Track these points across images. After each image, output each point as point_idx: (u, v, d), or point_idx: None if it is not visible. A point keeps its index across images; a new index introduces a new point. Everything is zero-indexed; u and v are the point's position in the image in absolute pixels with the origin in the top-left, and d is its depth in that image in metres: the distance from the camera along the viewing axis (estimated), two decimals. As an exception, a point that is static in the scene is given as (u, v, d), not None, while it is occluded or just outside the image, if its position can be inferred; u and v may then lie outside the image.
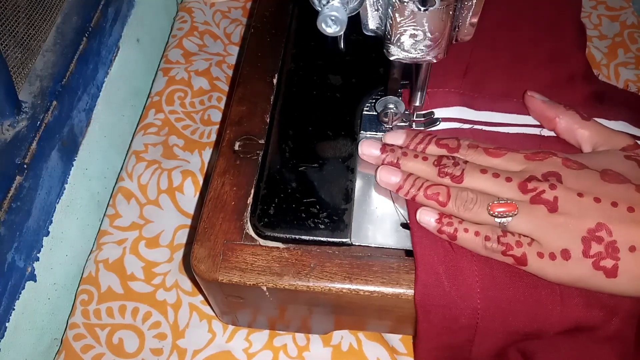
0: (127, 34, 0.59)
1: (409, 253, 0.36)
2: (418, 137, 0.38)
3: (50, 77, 0.47)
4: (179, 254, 0.51)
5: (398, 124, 0.40)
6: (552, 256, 0.32)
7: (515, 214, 0.33)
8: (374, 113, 0.41)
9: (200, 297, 0.48)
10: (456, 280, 0.34)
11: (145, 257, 0.50)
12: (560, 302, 0.33)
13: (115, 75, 0.57)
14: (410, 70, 0.39)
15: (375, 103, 0.41)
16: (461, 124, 0.40)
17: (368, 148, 0.38)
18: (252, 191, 0.40)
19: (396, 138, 0.39)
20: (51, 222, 0.47)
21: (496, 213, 0.33)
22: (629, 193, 0.32)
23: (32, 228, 0.44)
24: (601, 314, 0.33)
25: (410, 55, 0.33)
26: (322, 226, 0.37)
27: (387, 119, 0.40)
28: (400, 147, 0.38)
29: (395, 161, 0.37)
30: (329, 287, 0.36)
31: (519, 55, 0.43)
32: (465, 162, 0.35)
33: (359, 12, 0.31)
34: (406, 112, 0.40)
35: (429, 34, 0.31)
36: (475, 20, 0.32)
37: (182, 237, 0.52)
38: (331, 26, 0.30)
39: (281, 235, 0.38)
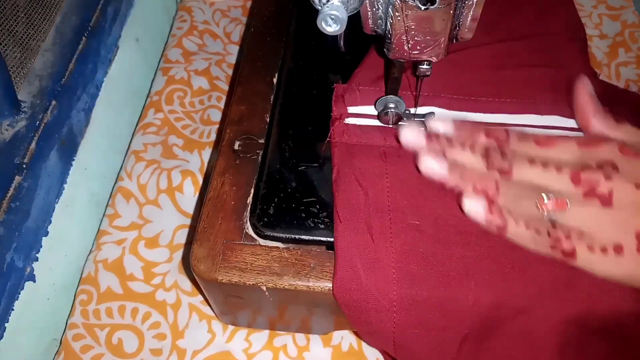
0: (127, 33, 0.59)
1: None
2: (467, 126, 0.36)
3: (50, 77, 0.47)
4: (179, 254, 0.51)
5: (400, 124, 0.40)
6: (604, 250, 0.31)
7: (566, 212, 0.32)
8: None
9: (200, 297, 0.48)
10: (373, 273, 0.34)
11: (145, 257, 0.50)
12: (473, 297, 0.33)
13: (115, 75, 0.57)
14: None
15: (375, 102, 0.41)
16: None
17: (412, 134, 0.36)
18: (252, 191, 0.40)
19: (444, 126, 0.36)
20: (50, 222, 0.47)
21: (545, 210, 0.32)
22: None
23: (31, 228, 0.44)
24: (511, 313, 0.33)
25: (410, 54, 0.33)
26: (322, 226, 0.37)
27: (387, 119, 0.40)
28: (446, 137, 0.36)
29: (442, 152, 0.35)
30: (329, 287, 0.36)
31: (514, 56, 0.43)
32: (515, 153, 0.34)
33: (359, 12, 0.31)
34: (406, 112, 0.40)
35: (429, 34, 0.31)
36: (475, 19, 0.32)
37: (182, 237, 0.52)
38: (331, 25, 0.30)
39: (281, 235, 0.38)
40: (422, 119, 0.40)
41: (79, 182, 0.51)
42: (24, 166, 0.42)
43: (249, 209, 0.39)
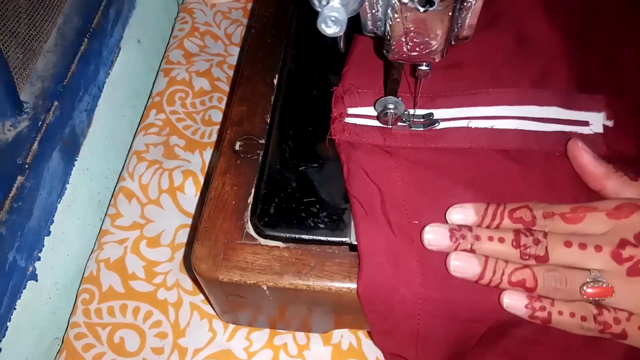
0: (128, 34, 0.59)
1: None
2: (489, 212, 0.34)
3: (52, 78, 0.47)
4: (180, 254, 0.51)
5: (399, 124, 0.40)
6: None
7: (611, 297, 0.31)
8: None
9: (201, 297, 0.49)
10: (398, 268, 0.34)
11: (146, 257, 0.50)
12: (498, 289, 0.33)
13: (117, 76, 0.57)
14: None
15: (374, 103, 0.41)
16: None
17: (435, 237, 0.34)
18: (253, 191, 0.40)
19: (464, 216, 0.34)
20: (52, 221, 0.47)
21: (590, 298, 0.31)
22: None
23: (34, 228, 0.44)
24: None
25: (409, 55, 0.33)
26: (322, 226, 0.37)
27: (387, 119, 0.40)
28: (470, 229, 0.34)
29: (469, 247, 0.33)
30: (329, 287, 0.36)
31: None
32: (545, 235, 0.32)
33: (358, 13, 0.32)
34: (406, 112, 0.40)
35: (428, 35, 0.31)
36: (474, 20, 0.32)
37: (183, 236, 0.52)
38: (331, 27, 0.30)
39: (281, 234, 0.38)
40: (422, 120, 0.41)
41: (81, 182, 0.51)
42: (26, 166, 0.43)
43: (249, 208, 0.39)
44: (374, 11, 0.32)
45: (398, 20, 0.30)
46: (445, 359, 0.36)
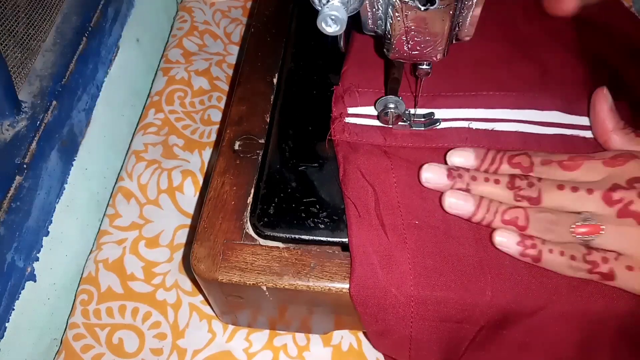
0: (127, 33, 0.59)
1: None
2: (488, 157, 0.35)
3: (50, 77, 0.47)
4: (179, 254, 0.51)
5: (400, 123, 0.40)
6: None
7: (600, 235, 0.31)
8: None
9: (200, 297, 0.48)
10: (390, 269, 0.34)
11: (145, 257, 0.50)
12: (491, 289, 0.33)
13: (115, 75, 0.57)
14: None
15: (375, 103, 0.41)
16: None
17: (433, 174, 0.35)
18: (252, 191, 0.40)
19: (464, 158, 0.35)
20: (51, 222, 0.47)
21: (579, 236, 0.31)
22: None
23: (32, 228, 0.44)
24: (529, 308, 0.33)
25: (410, 54, 0.33)
26: (322, 226, 0.37)
27: (387, 119, 0.40)
28: (467, 170, 0.35)
29: (465, 187, 0.34)
30: (329, 287, 0.36)
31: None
32: (540, 179, 0.33)
33: (359, 12, 0.31)
34: (406, 112, 0.40)
35: (429, 34, 0.31)
36: (475, 20, 0.32)
37: (182, 237, 0.52)
38: (331, 25, 0.30)
39: (281, 234, 0.38)
40: (422, 120, 0.40)
41: (80, 182, 0.51)
42: (25, 166, 0.43)
43: (249, 208, 0.39)
44: (374, 10, 0.32)
45: (399, 19, 0.30)
46: None
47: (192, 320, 0.47)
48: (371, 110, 0.41)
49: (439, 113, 0.41)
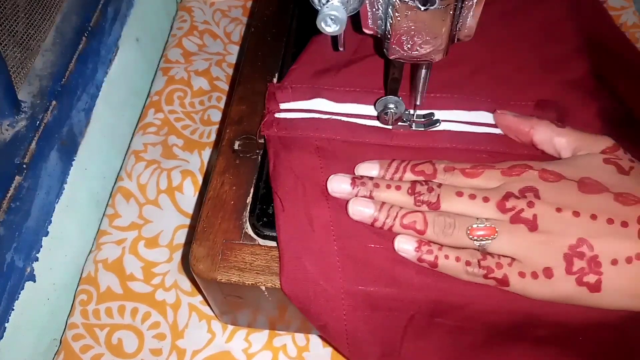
0: (127, 33, 0.59)
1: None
2: (392, 166, 0.36)
3: (50, 77, 0.47)
4: (178, 254, 0.51)
5: (400, 124, 0.40)
6: (535, 275, 0.32)
7: (495, 237, 0.32)
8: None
9: (200, 297, 0.48)
10: (318, 263, 0.34)
11: (145, 257, 0.50)
12: (417, 279, 0.34)
13: (115, 75, 0.57)
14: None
15: (375, 103, 0.41)
16: (319, 115, 0.41)
17: (338, 184, 0.36)
18: (252, 190, 0.40)
19: (369, 169, 0.37)
20: (50, 222, 0.47)
21: (475, 237, 0.32)
22: (607, 203, 0.32)
23: (32, 228, 0.44)
24: (456, 299, 0.33)
25: (410, 54, 0.33)
26: (322, 226, 0.37)
27: (387, 119, 0.40)
28: (371, 178, 0.36)
29: (369, 194, 0.35)
30: (329, 288, 0.36)
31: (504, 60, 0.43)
32: (440, 185, 0.34)
33: (358, 12, 0.31)
34: (406, 112, 0.40)
35: (429, 34, 0.31)
36: (475, 20, 0.32)
37: (182, 237, 0.52)
38: (331, 25, 0.30)
39: (281, 235, 0.37)
40: (423, 120, 0.40)
41: (79, 182, 0.51)
42: (24, 166, 0.43)
43: (248, 208, 0.39)
44: (374, 10, 0.32)
45: (399, 19, 0.30)
46: (379, 355, 0.36)
47: (191, 320, 0.47)
48: (304, 104, 0.41)
49: (369, 109, 0.41)
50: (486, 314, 0.34)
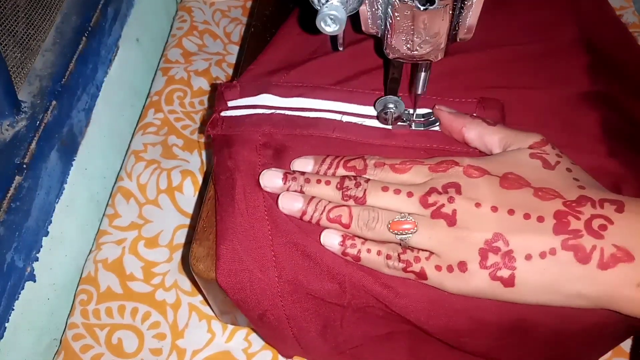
0: (127, 33, 0.59)
1: None
2: (326, 162, 0.37)
3: (50, 77, 0.47)
4: (178, 254, 0.51)
5: (399, 124, 0.40)
6: (450, 269, 0.32)
7: (415, 231, 0.33)
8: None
9: (200, 297, 0.48)
10: (253, 253, 0.35)
11: (145, 257, 0.50)
12: (346, 266, 0.34)
13: (115, 75, 0.57)
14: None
15: (375, 102, 0.41)
16: (264, 110, 0.41)
17: (270, 179, 0.37)
18: (252, 191, 0.40)
19: (303, 165, 0.38)
20: (50, 222, 0.47)
21: (397, 231, 0.33)
22: (526, 199, 0.32)
23: (32, 228, 0.44)
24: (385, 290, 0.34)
25: (410, 54, 0.33)
26: (322, 226, 0.37)
27: (387, 119, 0.40)
28: (303, 173, 0.37)
29: (300, 189, 0.36)
30: (328, 287, 0.36)
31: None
32: (368, 180, 0.35)
33: (358, 11, 0.31)
34: (406, 112, 0.40)
35: (428, 34, 0.31)
36: (475, 20, 0.32)
37: (182, 236, 0.52)
38: (330, 25, 0.30)
39: (280, 235, 0.37)
40: (422, 119, 0.40)
41: (79, 182, 0.51)
42: (24, 166, 0.43)
43: (248, 208, 0.39)
44: (373, 9, 0.32)
45: (398, 18, 0.30)
46: (320, 328, 0.36)
47: (191, 320, 0.47)
48: (251, 100, 0.41)
49: (313, 103, 0.41)
50: (410, 306, 0.34)
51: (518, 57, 0.43)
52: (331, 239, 0.35)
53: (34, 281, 0.45)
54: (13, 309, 0.42)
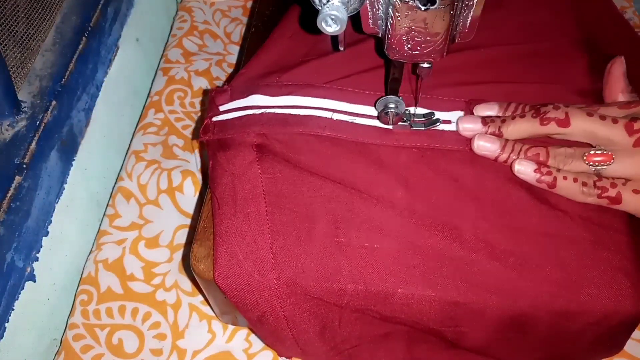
0: (127, 33, 0.59)
1: None
2: (511, 106, 0.39)
3: (50, 77, 0.47)
4: (179, 254, 0.51)
5: (400, 124, 0.40)
6: None
7: (611, 164, 0.34)
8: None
9: (200, 298, 0.48)
10: (252, 256, 0.35)
11: (145, 257, 0.50)
12: (348, 271, 0.34)
13: (115, 75, 0.57)
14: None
15: (375, 102, 0.41)
16: (254, 110, 0.41)
17: (469, 123, 0.38)
18: (252, 191, 0.40)
19: (489, 110, 0.39)
20: (50, 222, 0.47)
21: (592, 162, 0.35)
22: None
23: (32, 228, 0.44)
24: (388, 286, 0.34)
25: (410, 54, 0.33)
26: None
27: (387, 119, 0.40)
28: (498, 117, 0.38)
29: (497, 131, 0.37)
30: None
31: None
32: (568, 105, 0.36)
33: (359, 12, 0.31)
34: (406, 112, 0.40)
35: (429, 34, 0.31)
36: (476, 20, 0.32)
37: (182, 237, 0.52)
38: (331, 25, 0.30)
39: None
40: (423, 119, 0.40)
41: (79, 182, 0.51)
42: (24, 166, 0.42)
43: (249, 209, 0.39)
44: (374, 10, 0.32)
45: (399, 18, 0.30)
46: (319, 329, 0.37)
47: (192, 320, 0.47)
48: (242, 102, 0.41)
49: (303, 101, 0.41)
50: (412, 304, 0.35)
51: (512, 56, 0.43)
52: (526, 167, 0.36)
53: (34, 281, 0.45)
54: (13, 309, 0.42)
